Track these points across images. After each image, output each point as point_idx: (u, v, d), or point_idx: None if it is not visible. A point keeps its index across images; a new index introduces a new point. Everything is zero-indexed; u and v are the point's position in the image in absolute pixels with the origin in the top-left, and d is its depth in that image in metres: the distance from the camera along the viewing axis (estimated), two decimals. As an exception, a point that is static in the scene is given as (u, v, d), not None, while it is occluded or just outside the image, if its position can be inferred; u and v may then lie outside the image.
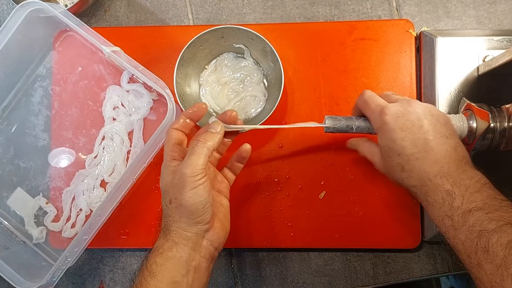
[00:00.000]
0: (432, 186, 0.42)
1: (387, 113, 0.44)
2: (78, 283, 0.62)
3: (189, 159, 0.42)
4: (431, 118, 0.43)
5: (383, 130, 0.45)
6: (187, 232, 0.43)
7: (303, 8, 0.63)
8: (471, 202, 0.39)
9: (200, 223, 0.43)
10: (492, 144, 0.49)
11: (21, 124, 0.62)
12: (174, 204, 0.43)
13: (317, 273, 0.60)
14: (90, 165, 0.60)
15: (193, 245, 0.43)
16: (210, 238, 0.44)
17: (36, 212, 0.61)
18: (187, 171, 0.41)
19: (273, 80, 0.58)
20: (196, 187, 0.41)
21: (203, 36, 0.54)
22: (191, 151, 0.42)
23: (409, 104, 0.44)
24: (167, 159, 0.45)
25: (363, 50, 0.60)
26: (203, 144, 0.42)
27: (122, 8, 0.64)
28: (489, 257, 0.36)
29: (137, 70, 0.53)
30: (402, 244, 0.58)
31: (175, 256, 0.42)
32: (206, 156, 0.42)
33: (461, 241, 0.39)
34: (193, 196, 0.41)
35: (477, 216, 0.38)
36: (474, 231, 0.38)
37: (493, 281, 0.35)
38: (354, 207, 0.58)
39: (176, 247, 0.42)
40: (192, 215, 0.42)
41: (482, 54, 0.55)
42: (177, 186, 0.42)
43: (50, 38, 0.62)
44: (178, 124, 0.46)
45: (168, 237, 0.43)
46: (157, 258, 0.42)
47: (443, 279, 0.93)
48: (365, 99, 0.47)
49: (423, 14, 0.62)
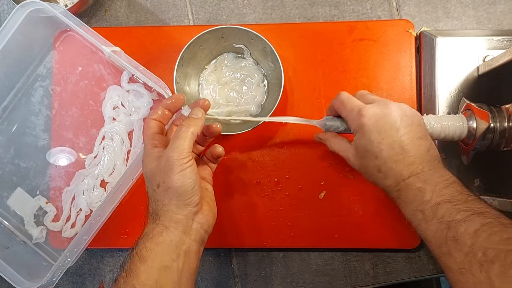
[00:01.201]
0: (405, 185, 0.43)
1: (364, 115, 0.45)
2: (78, 283, 0.62)
3: (175, 143, 0.43)
4: (406, 119, 0.44)
5: (361, 132, 0.45)
6: (177, 215, 0.43)
7: (303, 9, 0.63)
8: (440, 196, 0.41)
9: (190, 205, 0.43)
10: (492, 144, 0.49)
11: (21, 124, 0.62)
12: (162, 188, 0.43)
13: (317, 273, 0.60)
14: (90, 165, 0.60)
15: (183, 228, 0.43)
16: (200, 220, 0.45)
17: (36, 212, 0.61)
18: (174, 154, 0.42)
19: (273, 80, 0.58)
20: (184, 169, 0.42)
21: (203, 36, 0.54)
22: (176, 135, 0.43)
23: (386, 105, 0.45)
24: (148, 147, 0.46)
25: (363, 50, 0.60)
26: (187, 128, 0.44)
27: (122, 8, 0.64)
28: (458, 246, 0.37)
29: (137, 70, 0.53)
30: (402, 244, 0.58)
31: (165, 240, 0.42)
32: (191, 140, 0.43)
33: (432, 232, 0.41)
34: (181, 178, 0.42)
35: (446, 208, 0.40)
36: (444, 222, 0.39)
37: (462, 268, 0.37)
38: (354, 207, 0.58)
39: (166, 231, 0.42)
40: (182, 197, 0.42)
41: (482, 54, 0.55)
42: (164, 170, 0.42)
43: (50, 38, 0.62)
44: (156, 114, 0.47)
45: (158, 222, 0.43)
46: (147, 243, 0.42)
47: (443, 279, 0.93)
48: (342, 100, 0.48)
49: (423, 14, 0.62)
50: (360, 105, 0.46)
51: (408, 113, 0.45)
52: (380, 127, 0.44)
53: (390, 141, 0.43)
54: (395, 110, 0.44)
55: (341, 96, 0.48)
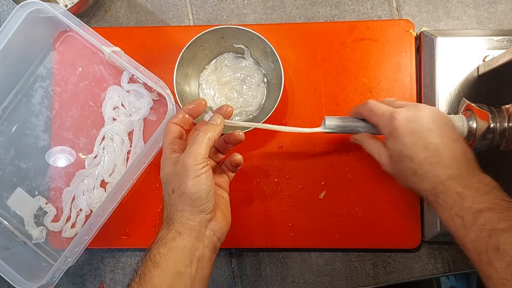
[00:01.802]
0: (443, 188, 0.42)
1: (397, 118, 0.44)
2: (78, 283, 0.62)
3: (191, 148, 0.42)
4: (440, 121, 0.44)
5: (394, 135, 0.45)
6: (190, 221, 0.43)
7: (303, 9, 0.63)
8: (481, 203, 0.40)
9: (203, 212, 0.43)
10: (492, 144, 0.49)
11: (21, 124, 0.62)
12: (177, 193, 0.43)
13: (317, 273, 0.60)
14: (90, 165, 0.60)
15: (196, 234, 0.43)
16: (213, 228, 0.44)
17: (36, 212, 0.61)
18: (190, 160, 0.42)
19: (273, 80, 0.58)
20: (199, 175, 0.42)
21: (203, 36, 0.54)
22: (193, 141, 0.43)
23: (418, 108, 0.45)
24: (167, 151, 0.45)
25: (363, 50, 0.60)
26: (204, 134, 0.43)
27: (122, 8, 0.64)
28: (500, 255, 0.36)
29: (137, 70, 0.53)
30: (402, 244, 0.58)
31: (179, 246, 0.42)
32: (207, 146, 0.43)
33: (471, 239, 0.39)
34: (196, 184, 0.42)
35: (488, 216, 0.39)
36: (485, 230, 0.38)
37: (504, 279, 0.36)
38: (354, 207, 0.58)
39: (179, 237, 0.42)
40: (196, 203, 0.42)
41: (482, 54, 0.55)
42: (179, 175, 0.42)
43: (51, 39, 0.62)
44: (177, 119, 0.47)
45: (172, 227, 0.43)
46: (160, 248, 0.42)
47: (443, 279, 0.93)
48: (371, 107, 0.48)
49: (423, 14, 0.62)
50: (390, 109, 0.46)
51: (441, 115, 0.45)
52: (413, 129, 0.43)
53: (425, 143, 0.43)
54: (427, 112, 0.44)
55: (370, 103, 0.48)
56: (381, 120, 0.47)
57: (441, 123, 0.44)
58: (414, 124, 0.44)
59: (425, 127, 0.43)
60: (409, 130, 0.44)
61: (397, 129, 0.44)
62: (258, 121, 0.55)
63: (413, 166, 0.44)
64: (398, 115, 0.45)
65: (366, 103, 0.49)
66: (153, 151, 0.56)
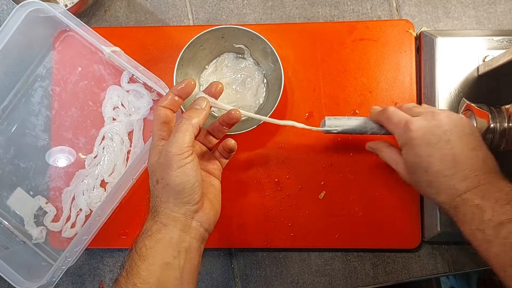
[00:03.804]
0: (461, 201, 0.41)
1: (412, 128, 0.43)
2: (78, 283, 0.62)
3: (174, 137, 0.41)
4: (456, 130, 0.42)
5: (409, 145, 0.44)
6: (175, 213, 0.41)
7: (303, 9, 0.63)
8: (502, 214, 0.38)
9: (188, 204, 0.42)
10: (492, 144, 0.49)
11: (21, 124, 0.62)
12: (161, 184, 0.41)
13: (317, 273, 0.60)
14: (90, 165, 0.60)
15: (182, 226, 0.42)
16: (200, 219, 0.43)
17: (36, 212, 0.61)
18: (173, 149, 0.40)
19: (273, 80, 0.58)
20: (183, 165, 0.40)
21: (203, 36, 0.54)
22: (176, 129, 0.41)
23: (433, 117, 0.43)
24: (155, 138, 0.44)
25: (363, 50, 0.60)
26: (187, 121, 0.41)
27: (122, 8, 0.64)
28: None
29: (137, 70, 0.53)
30: (402, 244, 0.58)
31: (165, 238, 0.41)
32: (191, 133, 0.41)
33: (494, 254, 0.38)
34: (180, 175, 0.40)
35: (510, 228, 0.37)
36: (507, 243, 0.37)
37: None
38: (354, 207, 0.58)
39: (165, 228, 0.41)
40: (180, 195, 0.41)
41: (482, 54, 0.55)
42: (163, 165, 0.41)
43: (50, 38, 0.62)
44: (166, 101, 0.44)
45: (157, 219, 0.42)
46: (146, 240, 0.41)
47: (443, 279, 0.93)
48: (388, 115, 0.46)
49: (423, 14, 0.62)
50: (406, 117, 0.44)
51: (457, 122, 0.43)
52: (428, 140, 0.42)
53: (441, 155, 0.41)
54: (443, 121, 0.42)
55: (388, 110, 0.47)
56: (396, 129, 0.45)
57: (459, 132, 0.42)
58: (429, 135, 0.42)
59: (441, 137, 0.42)
60: (424, 141, 0.42)
61: (411, 140, 0.43)
62: (258, 120, 0.55)
63: (429, 178, 0.42)
64: (412, 125, 0.43)
65: (385, 109, 0.47)
66: (153, 151, 0.56)
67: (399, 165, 0.47)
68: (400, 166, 0.47)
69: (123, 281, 0.39)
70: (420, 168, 0.43)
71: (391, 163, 0.49)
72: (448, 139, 0.42)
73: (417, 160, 0.43)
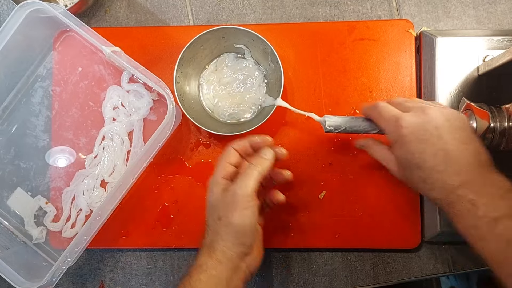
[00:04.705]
0: (455, 197, 0.40)
1: (403, 125, 0.42)
2: (78, 283, 0.62)
3: (242, 181, 0.44)
4: (448, 124, 0.42)
5: (400, 142, 0.43)
6: (231, 252, 0.44)
7: (303, 8, 0.63)
8: (496, 210, 0.38)
9: (244, 245, 0.44)
10: (492, 144, 0.49)
11: (21, 124, 0.62)
12: (223, 222, 0.44)
13: (317, 273, 0.60)
14: (90, 165, 0.60)
15: (233, 266, 0.44)
16: (249, 262, 0.46)
17: (36, 212, 0.61)
18: (240, 192, 0.43)
19: (273, 80, 0.58)
20: (247, 208, 0.43)
21: (204, 36, 0.54)
22: (245, 173, 0.45)
23: (424, 112, 0.42)
24: (218, 176, 0.47)
25: (363, 50, 0.60)
26: (254, 167, 0.45)
27: (122, 8, 0.64)
28: None
29: (137, 70, 0.53)
30: (402, 244, 0.58)
31: (218, 275, 0.43)
32: (256, 180, 0.44)
33: (490, 251, 0.38)
34: (243, 217, 0.43)
35: (505, 224, 0.37)
36: (503, 240, 0.37)
37: None
38: (354, 207, 0.58)
39: (220, 266, 0.43)
40: (239, 236, 0.44)
41: (482, 54, 0.55)
42: (228, 204, 0.44)
43: (50, 39, 0.62)
44: (239, 146, 0.48)
45: (213, 255, 0.44)
46: (201, 275, 0.43)
47: (443, 279, 0.93)
48: (379, 110, 0.46)
49: (423, 14, 0.62)
50: (397, 114, 0.44)
51: (449, 117, 0.42)
52: (420, 136, 0.42)
53: (433, 151, 0.41)
54: (434, 116, 0.42)
55: (379, 106, 0.46)
56: (387, 125, 0.45)
57: (450, 127, 0.42)
58: (420, 130, 0.42)
59: (432, 133, 0.41)
60: (416, 137, 0.42)
61: (403, 137, 0.42)
62: (258, 121, 0.55)
63: (422, 175, 0.42)
64: (403, 122, 0.43)
65: (375, 105, 0.47)
66: (153, 151, 0.56)
67: (390, 162, 0.47)
68: (391, 163, 0.47)
69: None
70: (413, 164, 0.43)
71: (381, 161, 0.49)
72: (439, 134, 0.41)
73: (409, 157, 0.43)
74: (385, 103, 0.47)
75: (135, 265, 0.62)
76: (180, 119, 0.60)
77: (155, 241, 0.60)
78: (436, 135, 0.41)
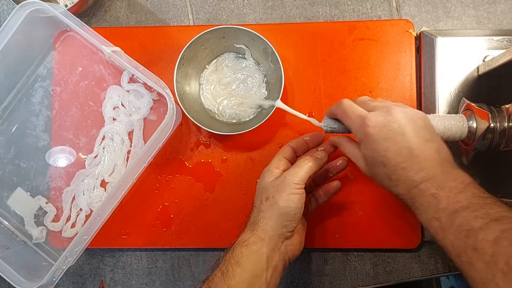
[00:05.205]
0: (418, 192, 0.42)
1: (368, 124, 0.43)
2: (79, 283, 0.62)
3: (294, 169, 0.47)
4: (412, 123, 0.43)
5: (366, 141, 0.44)
6: (273, 231, 0.46)
7: (303, 8, 0.63)
8: (457, 203, 0.39)
9: (286, 228, 0.46)
10: (492, 144, 0.49)
11: (21, 124, 0.62)
12: (269, 202, 0.47)
13: (317, 273, 0.60)
14: (90, 165, 0.60)
15: (273, 245, 0.46)
16: (288, 246, 0.48)
17: (36, 212, 0.61)
18: (290, 177, 0.46)
19: (273, 80, 0.58)
20: (294, 193, 0.46)
21: (204, 36, 0.54)
22: (297, 164, 0.48)
23: (389, 112, 0.44)
24: (273, 166, 0.50)
25: (363, 50, 0.60)
26: (308, 161, 0.48)
27: (122, 8, 0.64)
28: (479, 255, 0.36)
29: (137, 70, 0.53)
30: (402, 244, 0.58)
31: (259, 251, 0.45)
32: (307, 171, 0.47)
33: (450, 241, 0.39)
34: (289, 200, 0.45)
35: (464, 215, 0.38)
36: (462, 230, 0.38)
37: (485, 278, 0.36)
38: (354, 207, 0.58)
39: (261, 243, 0.45)
40: (282, 217, 0.46)
41: (482, 54, 0.55)
42: (277, 187, 0.47)
43: (51, 38, 0.62)
44: (295, 143, 0.53)
45: (255, 232, 0.46)
46: (243, 249, 0.45)
47: (443, 279, 0.93)
48: (344, 109, 0.47)
49: (423, 14, 0.62)
50: (362, 113, 0.45)
51: (412, 116, 0.44)
52: (384, 135, 0.43)
53: (397, 148, 0.42)
54: (398, 115, 0.43)
55: (343, 104, 0.47)
56: (353, 124, 0.46)
57: (414, 125, 0.43)
58: (386, 129, 0.43)
59: (397, 132, 0.42)
60: (381, 136, 0.43)
61: (368, 136, 0.44)
62: (258, 121, 0.55)
63: (387, 172, 0.44)
64: (369, 121, 0.44)
65: (339, 103, 0.48)
66: (153, 150, 0.56)
67: (360, 160, 0.48)
68: (360, 160, 0.48)
69: (218, 281, 0.44)
70: (378, 162, 0.44)
71: (351, 158, 0.49)
72: (403, 132, 0.43)
73: (375, 155, 0.44)
74: (350, 101, 0.48)
75: (135, 264, 0.62)
76: (180, 119, 0.60)
77: (155, 241, 0.60)
78: (400, 133, 0.43)
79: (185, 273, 0.61)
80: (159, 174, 0.60)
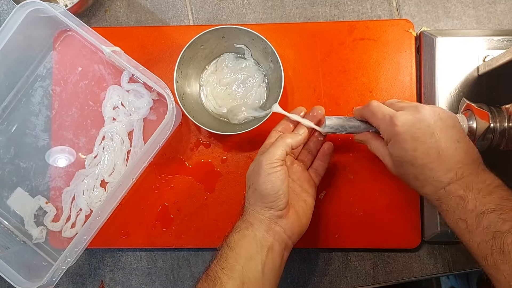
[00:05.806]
0: (445, 193, 0.42)
1: (396, 123, 0.43)
2: (78, 283, 0.62)
3: (268, 150, 0.47)
4: (441, 123, 0.43)
5: (394, 140, 0.44)
6: (260, 215, 0.46)
7: (303, 8, 0.63)
8: (484, 205, 0.39)
9: (272, 209, 0.46)
10: (492, 144, 0.49)
11: (21, 124, 0.62)
12: (251, 189, 0.47)
13: (317, 273, 0.60)
14: (90, 165, 0.60)
15: (266, 228, 0.46)
16: (283, 225, 0.47)
17: (36, 212, 0.61)
18: (264, 159, 0.46)
19: (273, 80, 0.58)
20: (270, 174, 0.45)
21: (204, 36, 0.54)
22: (273, 143, 0.48)
23: (417, 111, 0.44)
24: (259, 153, 0.50)
25: (363, 50, 0.60)
26: (283, 139, 0.47)
27: (122, 8, 0.64)
28: (505, 258, 0.36)
29: (137, 70, 0.53)
30: (402, 244, 0.58)
31: (250, 234, 0.46)
32: (283, 149, 0.46)
33: (476, 243, 0.39)
34: (266, 182, 0.45)
35: (491, 218, 0.38)
36: (489, 232, 0.38)
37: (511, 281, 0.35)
38: (354, 207, 0.58)
39: (251, 227, 0.46)
40: (265, 199, 0.46)
41: (482, 54, 0.55)
42: (255, 172, 0.47)
43: (50, 38, 0.62)
44: (278, 126, 0.52)
45: (244, 218, 0.47)
46: (235, 235, 0.46)
47: (443, 279, 0.93)
48: (372, 109, 0.47)
49: (423, 14, 0.62)
50: (391, 112, 0.45)
51: (441, 115, 0.43)
52: (413, 134, 0.43)
53: (425, 148, 0.42)
54: (427, 114, 0.43)
55: (371, 105, 0.47)
56: (382, 124, 0.46)
57: (443, 125, 0.43)
58: (414, 129, 0.43)
59: (425, 131, 0.42)
60: (409, 135, 0.43)
61: (397, 135, 0.43)
62: (259, 121, 0.55)
63: (414, 171, 0.43)
64: (397, 120, 0.43)
65: (368, 104, 0.48)
66: (153, 150, 0.56)
67: (386, 158, 0.48)
68: (387, 159, 0.48)
69: (213, 266, 0.45)
70: (406, 161, 0.44)
71: (379, 156, 0.49)
72: (432, 132, 0.42)
73: (403, 154, 0.44)
74: (378, 102, 0.48)
75: (135, 264, 0.62)
76: (180, 119, 0.60)
77: (155, 241, 0.60)
78: (429, 133, 0.42)
79: (185, 273, 0.61)
80: (159, 174, 0.60)
